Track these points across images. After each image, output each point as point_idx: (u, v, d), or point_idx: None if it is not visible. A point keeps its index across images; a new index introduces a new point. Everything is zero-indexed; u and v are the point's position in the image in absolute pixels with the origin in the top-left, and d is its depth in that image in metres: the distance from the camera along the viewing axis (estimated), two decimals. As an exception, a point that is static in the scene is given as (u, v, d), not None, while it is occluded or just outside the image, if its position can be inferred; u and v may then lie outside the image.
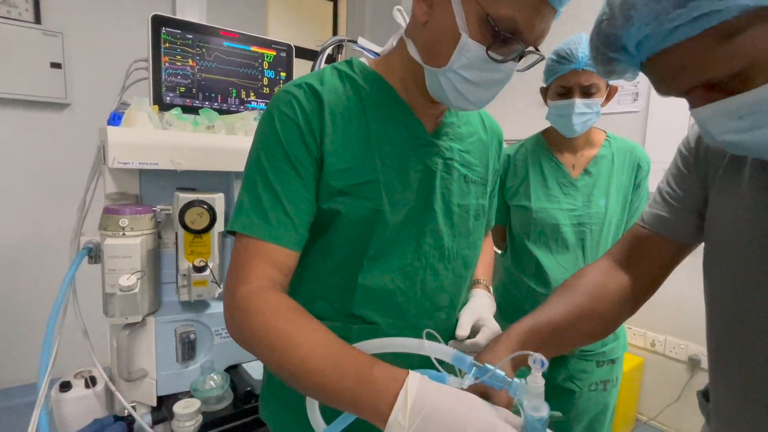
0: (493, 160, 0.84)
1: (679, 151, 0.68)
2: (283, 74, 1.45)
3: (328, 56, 1.60)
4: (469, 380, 0.49)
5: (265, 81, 1.42)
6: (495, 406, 0.48)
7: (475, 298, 0.83)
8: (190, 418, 0.91)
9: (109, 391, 0.99)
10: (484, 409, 0.45)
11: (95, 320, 1.02)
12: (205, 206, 0.97)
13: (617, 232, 1.30)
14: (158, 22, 1.15)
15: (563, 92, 1.22)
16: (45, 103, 2.37)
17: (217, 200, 1.00)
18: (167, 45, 1.21)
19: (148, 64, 1.20)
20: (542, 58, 0.64)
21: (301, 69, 1.52)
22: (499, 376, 0.49)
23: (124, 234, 0.91)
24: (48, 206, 2.40)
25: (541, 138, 1.37)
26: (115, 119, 1.10)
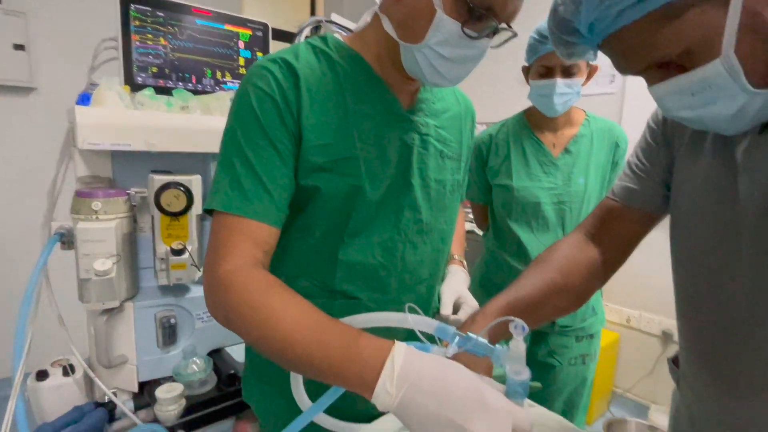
0: (466, 136, 0.84)
1: (648, 125, 0.69)
2: (260, 54, 1.41)
3: (306, 38, 1.56)
4: (453, 349, 0.50)
5: (241, 61, 1.38)
6: (479, 374, 0.48)
7: (452, 274, 0.85)
8: (173, 402, 0.90)
9: (89, 379, 0.97)
10: (470, 375, 0.46)
11: (71, 308, 0.99)
12: (182, 188, 0.95)
13: (596, 210, 1.33)
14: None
15: (545, 72, 1.22)
16: (9, 87, 2.26)
17: (194, 182, 0.98)
18: (137, 23, 1.16)
19: (117, 43, 1.15)
20: (514, 35, 0.64)
21: (276, 49, 1.48)
22: (482, 344, 0.50)
23: (98, 217, 0.89)
24: (16, 193, 2.31)
25: (523, 117, 1.38)
26: (84, 100, 1.06)
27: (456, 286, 0.82)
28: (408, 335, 0.56)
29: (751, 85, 0.43)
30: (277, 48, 1.47)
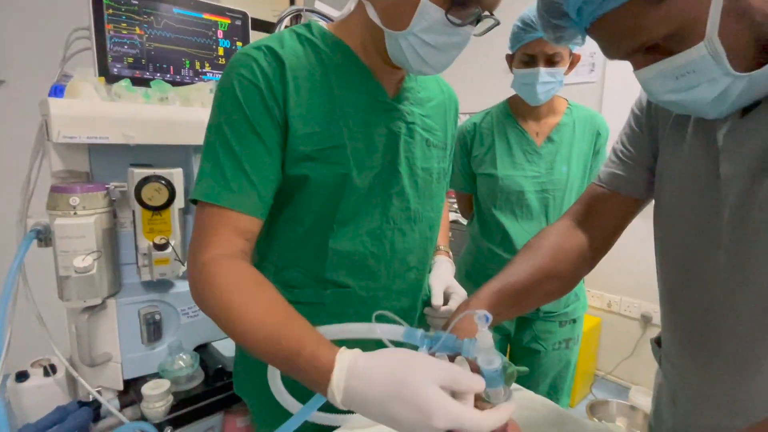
0: (450, 125, 0.85)
1: (632, 112, 0.70)
2: (239, 44, 1.38)
3: (286, 28, 1.53)
4: (423, 351, 0.50)
5: (221, 51, 1.35)
6: (433, 359, 0.48)
7: (439, 264, 0.87)
8: (160, 399, 0.89)
9: (71, 378, 0.95)
10: (419, 384, 0.43)
11: (49, 306, 0.96)
12: (163, 181, 0.92)
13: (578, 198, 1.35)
14: (99, -14, 1.06)
15: (528, 60, 1.23)
16: (-25, 81, 2.17)
17: (176, 175, 0.96)
18: (110, 12, 1.12)
19: (90, 32, 1.11)
20: (497, 23, 0.65)
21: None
22: (450, 342, 0.50)
23: (76, 213, 0.86)
24: (-12, 192, 2.22)
25: (506, 106, 1.38)
26: (57, 92, 1.02)
27: (444, 276, 0.84)
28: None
29: (733, 68, 0.44)
30: (257, 38, 1.45)
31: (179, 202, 0.97)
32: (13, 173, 1.44)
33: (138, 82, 1.14)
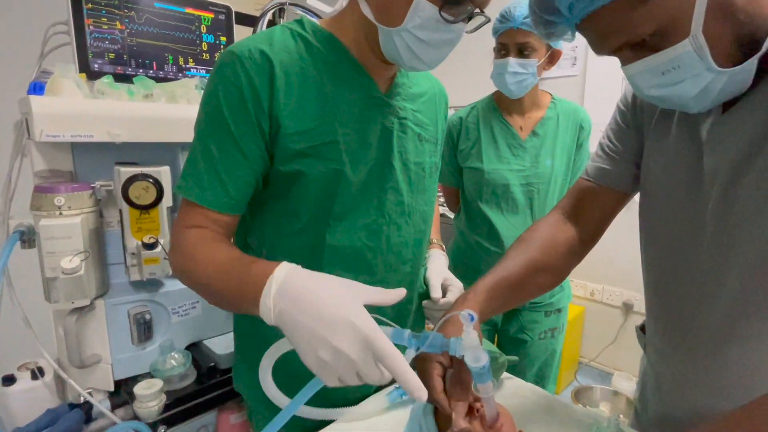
0: (441, 119, 0.87)
1: (618, 107, 0.73)
2: (223, 39, 1.36)
3: (269, 22, 1.51)
4: (411, 353, 0.50)
5: (204, 46, 1.33)
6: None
7: (435, 258, 0.89)
8: (154, 398, 0.88)
9: (60, 381, 0.94)
10: (343, 296, 0.49)
11: (34, 309, 0.95)
12: (151, 180, 0.91)
13: (562, 191, 1.38)
14: (77, -20, 1.04)
15: (501, 50, 1.25)
16: (-55, 77, 2.09)
17: (163, 173, 0.95)
18: (90, 6, 1.09)
19: (69, 27, 1.09)
20: (488, 20, 0.66)
21: (241, 35, 1.44)
22: (438, 340, 0.52)
23: (61, 213, 0.85)
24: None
25: (492, 101, 1.40)
26: (37, 89, 0.99)
27: (440, 269, 0.86)
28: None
29: (716, 64, 0.46)
30: (240, 32, 1.43)
31: (167, 201, 0.96)
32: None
33: (120, 78, 1.12)
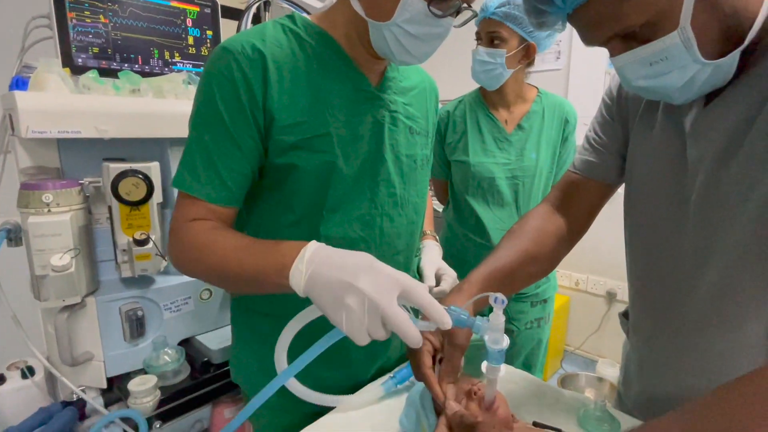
0: (431, 112, 0.88)
1: (603, 100, 0.75)
2: (210, 32, 1.35)
3: (254, 16, 1.50)
4: (432, 326, 0.51)
5: (190, 40, 1.31)
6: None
7: (428, 248, 0.91)
8: (148, 394, 0.89)
9: (51, 379, 0.94)
10: (368, 256, 0.53)
11: (21, 308, 0.94)
12: (141, 176, 0.91)
13: (547, 184, 1.40)
14: (59, -28, 1.01)
15: (477, 39, 1.27)
16: None
17: (153, 169, 0.94)
18: (72, -1, 1.07)
19: (50, 21, 1.06)
20: (475, 15, 0.68)
21: (227, 29, 1.43)
22: (463, 317, 0.53)
23: (50, 210, 0.84)
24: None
25: (478, 94, 1.41)
26: (20, 85, 0.98)
27: (433, 259, 0.88)
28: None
29: (702, 56, 0.48)
30: (226, 26, 1.42)
31: (158, 197, 0.96)
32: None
33: (105, 73, 1.10)
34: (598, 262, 2.48)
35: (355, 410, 0.71)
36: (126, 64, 1.18)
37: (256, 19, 1.71)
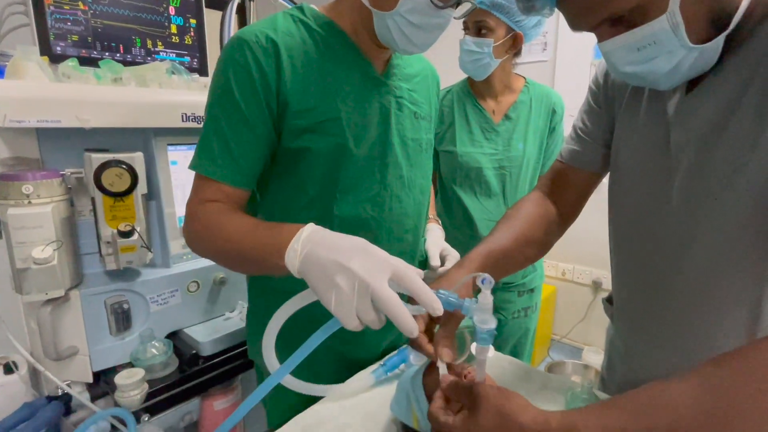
0: (434, 98, 0.92)
1: (590, 88, 0.75)
2: (193, 21, 1.32)
3: (239, 6, 1.48)
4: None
5: (173, 29, 1.28)
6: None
7: (433, 231, 0.98)
8: (135, 387, 0.87)
9: (35, 375, 0.92)
10: (362, 240, 0.53)
11: (3, 302, 0.91)
12: (124, 166, 0.89)
13: (534, 174, 1.41)
14: (35, -44, 0.98)
15: (464, 29, 1.26)
16: None
17: (137, 159, 0.92)
18: (49, -16, 1.04)
19: (26, 7, 1.03)
20: (474, 7, 0.70)
21: (211, 18, 1.40)
22: (451, 299, 0.54)
23: (30, 202, 0.82)
24: None
25: (466, 84, 1.42)
26: (-5, 73, 0.95)
27: (438, 241, 0.94)
28: None
29: (689, 41, 0.49)
30: (210, 16, 1.39)
31: (142, 188, 0.94)
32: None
33: (85, 62, 1.07)
34: (584, 252, 2.52)
35: (347, 398, 0.72)
36: (107, 53, 1.15)
37: (241, 10, 1.68)
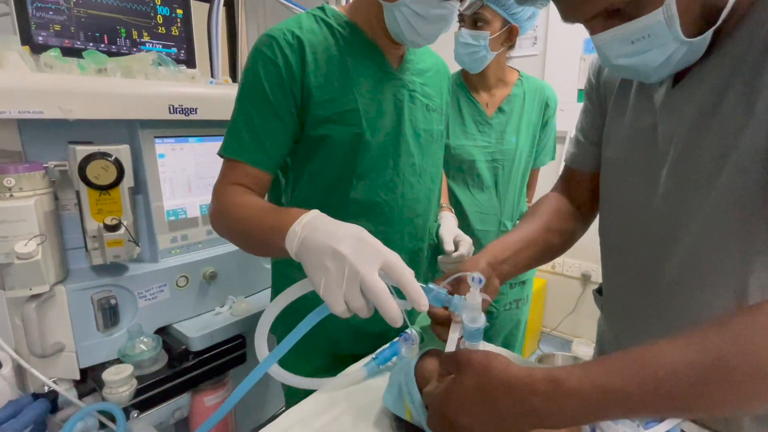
0: (445, 92, 0.98)
1: (585, 87, 0.76)
2: (180, 11, 1.30)
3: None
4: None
5: (160, 19, 1.26)
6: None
7: (446, 219, 1.03)
8: (124, 384, 0.86)
9: (20, 372, 0.90)
10: (361, 229, 0.54)
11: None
12: (110, 158, 0.87)
13: (526, 168, 1.42)
14: (14, -58, 0.95)
15: (460, 22, 1.25)
16: None
17: (122, 152, 0.90)
18: (30, -28, 1.01)
19: (6, -5, 1.00)
20: (482, 3, 0.72)
21: (198, 10, 1.37)
22: (441, 295, 0.54)
23: (12, 195, 0.79)
24: None
25: (460, 76, 1.41)
26: (-25, 63, 0.92)
27: (451, 228, 1.00)
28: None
29: (683, 34, 0.49)
30: (197, 7, 1.37)
31: (129, 181, 0.92)
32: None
33: (68, 52, 1.05)
34: (574, 245, 2.54)
35: (339, 391, 0.71)
36: (91, 44, 1.13)
37: (228, 1, 1.65)
